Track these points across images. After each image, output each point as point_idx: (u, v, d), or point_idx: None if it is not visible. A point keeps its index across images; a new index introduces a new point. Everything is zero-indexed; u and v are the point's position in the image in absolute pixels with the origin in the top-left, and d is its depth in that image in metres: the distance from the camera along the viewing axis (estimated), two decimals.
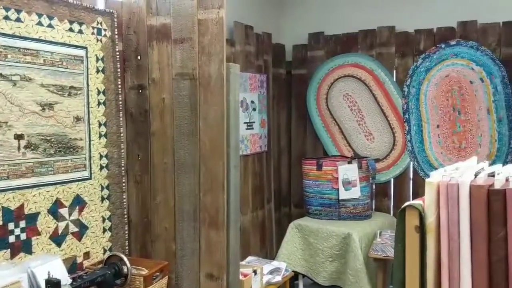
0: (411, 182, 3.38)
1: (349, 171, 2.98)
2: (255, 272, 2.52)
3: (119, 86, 2.31)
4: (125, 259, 2.05)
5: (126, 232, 2.35)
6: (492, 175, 1.24)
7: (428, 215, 1.19)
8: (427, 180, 1.23)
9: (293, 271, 2.92)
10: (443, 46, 3.17)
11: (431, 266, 1.20)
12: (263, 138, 3.44)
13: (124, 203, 2.34)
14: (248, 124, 3.24)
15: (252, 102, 3.29)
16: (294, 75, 3.74)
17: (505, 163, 2.94)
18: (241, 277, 2.39)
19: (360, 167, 3.02)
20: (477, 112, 3.09)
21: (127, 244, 2.36)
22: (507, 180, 1.18)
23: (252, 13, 3.39)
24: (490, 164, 1.40)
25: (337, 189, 3.05)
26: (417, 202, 1.21)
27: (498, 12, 2.97)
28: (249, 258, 2.99)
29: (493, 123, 3.04)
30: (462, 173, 1.26)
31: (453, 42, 3.14)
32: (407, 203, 1.21)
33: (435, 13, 3.21)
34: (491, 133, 3.05)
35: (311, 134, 3.68)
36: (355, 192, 2.97)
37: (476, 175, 1.23)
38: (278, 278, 2.73)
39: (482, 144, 3.09)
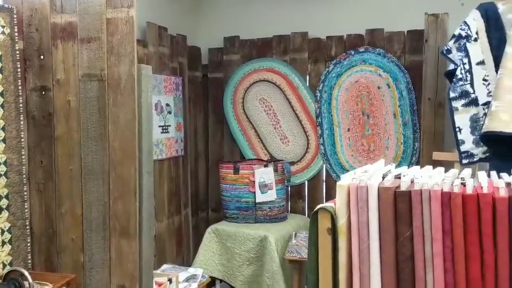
0: (324, 184, 3.48)
1: (265, 174, 3.00)
2: (170, 280, 2.44)
3: (20, 88, 2.13)
4: (27, 273, 1.89)
5: (29, 244, 2.18)
6: (398, 177, 1.28)
7: (340, 217, 1.21)
8: (338, 183, 1.25)
9: (210, 276, 2.88)
10: (352, 52, 3.29)
11: (343, 267, 1.22)
12: (179, 142, 3.37)
13: (26, 214, 2.16)
14: (163, 127, 3.15)
15: (168, 105, 3.21)
16: (210, 79, 3.71)
17: (410, 164, 3.11)
18: (155, 287, 2.31)
19: (276, 170, 3.05)
20: (384, 116, 3.25)
21: (29, 257, 2.18)
22: (412, 181, 1.22)
23: (167, 15, 3.31)
24: (397, 166, 1.46)
25: (254, 192, 3.06)
26: (329, 204, 1.23)
27: (403, 21, 3.14)
28: (164, 266, 2.90)
29: (399, 127, 3.21)
30: (371, 175, 1.29)
31: (362, 49, 3.27)
32: (319, 206, 1.22)
33: (345, 20, 3.33)
34: (397, 136, 3.22)
35: (228, 137, 3.67)
36: (271, 195, 3.00)
37: (383, 177, 1.27)
38: (194, 285, 2.67)
39: (389, 147, 3.25)
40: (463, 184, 1.16)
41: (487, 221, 1.08)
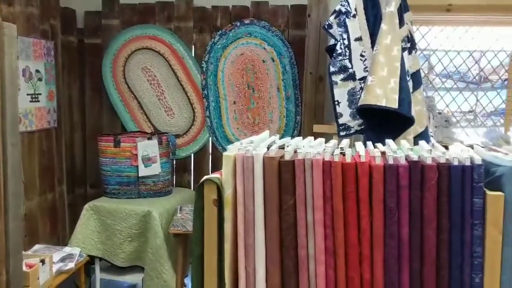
0: (210, 157, 3.46)
1: (149, 147, 2.89)
2: (43, 261, 2.26)
3: None
4: None
5: None
6: (282, 147, 1.29)
7: (226, 188, 1.18)
8: (224, 153, 1.22)
9: (88, 255, 2.72)
10: (238, 24, 3.27)
11: (229, 238, 1.20)
12: (51, 113, 3.09)
13: None
14: (33, 96, 2.86)
15: (38, 71, 2.91)
16: (87, 44, 3.44)
17: (292, 137, 3.20)
18: (25, 268, 2.11)
19: (160, 143, 2.95)
20: (268, 90, 3.29)
21: None
22: (295, 151, 1.23)
23: None
24: (280, 138, 1.47)
25: (137, 166, 2.94)
26: (215, 175, 1.19)
27: None
28: (37, 247, 2.68)
29: (282, 101, 3.28)
30: (256, 146, 1.28)
31: (247, 21, 3.26)
32: (205, 177, 1.18)
33: None
34: (281, 110, 3.29)
35: (107, 108, 3.46)
36: (155, 169, 2.90)
37: (268, 148, 1.27)
38: (71, 265, 2.50)
39: (273, 120, 3.31)
40: (343, 154, 1.19)
41: (364, 188, 1.13)
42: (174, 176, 3.43)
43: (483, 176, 1.08)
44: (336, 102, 2.33)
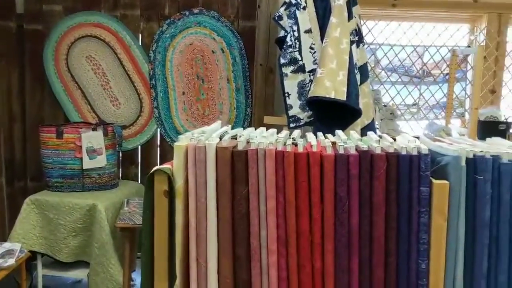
0: (158, 149, 3.39)
1: (93, 138, 2.79)
2: None
3: None
4: None
5: None
6: (234, 137, 1.28)
7: (177, 179, 1.16)
8: (175, 143, 1.19)
9: (30, 251, 2.60)
10: (187, 13, 3.21)
11: (180, 229, 1.18)
12: None
13: None
14: None
15: None
16: (27, 31, 3.27)
17: (243, 128, 3.19)
18: None
19: (106, 134, 2.86)
20: (218, 81, 3.26)
21: None
22: (248, 142, 1.23)
23: None
24: (232, 129, 1.46)
25: (81, 158, 2.83)
26: (165, 166, 1.16)
27: None
28: None
29: (232, 92, 3.26)
30: (208, 136, 1.26)
31: (196, 11, 3.21)
32: (155, 168, 1.15)
33: None
34: (231, 101, 3.27)
35: (49, 98, 3.31)
36: (100, 161, 2.81)
37: (221, 138, 1.25)
38: (11, 261, 2.39)
39: (223, 112, 3.29)
40: (295, 144, 1.20)
41: (315, 177, 1.14)
42: (121, 169, 3.34)
43: (430, 165, 1.12)
44: (286, 94, 2.34)
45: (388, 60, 3.30)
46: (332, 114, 2.22)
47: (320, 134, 1.42)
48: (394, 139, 1.25)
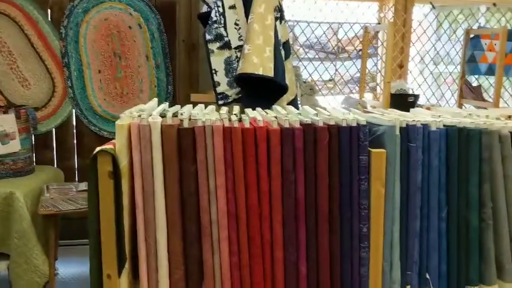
0: (74, 130, 3.22)
1: (5, 122, 2.58)
2: None
3: None
4: None
5: None
6: (175, 115, 1.26)
7: (121, 159, 1.12)
8: (117, 123, 1.15)
9: None
10: None
11: (127, 211, 1.15)
12: None
13: None
14: None
15: None
16: None
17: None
18: None
19: (18, 117, 2.66)
20: (137, 58, 3.15)
21: None
22: (190, 119, 1.21)
23: None
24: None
25: None
26: (108, 146, 1.12)
27: None
28: None
29: (152, 69, 3.17)
30: (148, 114, 1.23)
31: None
32: (98, 148, 1.10)
33: None
34: (151, 79, 3.18)
35: None
36: (14, 146, 2.61)
37: (162, 116, 1.22)
38: None
39: (143, 90, 3.20)
40: (239, 120, 1.21)
41: (262, 151, 1.16)
42: (35, 154, 3.13)
43: (368, 135, 1.19)
44: (213, 71, 2.32)
45: (305, 37, 3.39)
46: (259, 91, 2.25)
47: (259, 109, 1.44)
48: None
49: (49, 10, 3.06)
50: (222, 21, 2.31)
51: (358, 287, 1.22)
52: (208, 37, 2.31)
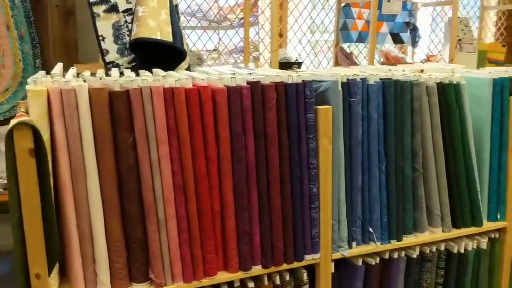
0: None
1: None
2: None
3: None
4: None
5: None
6: (100, 77, 1.06)
7: (41, 132, 0.92)
8: (29, 88, 0.94)
9: None
10: None
11: (53, 193, 0.95)
12: None
13: None
14: None
15: None
16: None
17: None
18: None
19: None
20: None
21: None
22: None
23: None
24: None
25: None
26: (26, 118, 0.90)
27: None
28: None
29: (15, 41, 2.74)
30: (61, 77, 1.03)
31: None
32: (14, 122, 0.88)
33: None
34: (14, 53, 2.76)
35: None
36: None
37: (85, 81, 1.02)
38: None
39: (5, 65, 2.76)
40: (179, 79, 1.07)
41: (209, 114, 1.04)
42: None
43: (314, 92, 1.14)
44: (100, 38, 2.07)
45: (186, 4, 3.23)
46: (154, 58, 2.07)
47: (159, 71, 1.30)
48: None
49: None
50: None
51: (310, 250, 1.19)
52: None
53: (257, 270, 1.14)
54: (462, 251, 1.40)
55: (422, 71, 1.53)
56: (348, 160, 1.21)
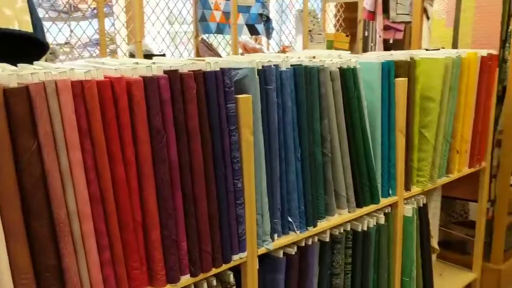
0: None
1: None
2: None
3: None
4: None
5: None
6: None
7: None
8: None
9: None
10: None
11: None
12: None
13: None
14: None
15: None
16: None
17: None
18: None
19: None
20: None
21: None
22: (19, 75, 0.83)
23: None
24: None
25: None
26: None
27: None
28: None
29: None
30: None
31: None
32: None
33: None
34: None
35: None
36: None
37: None
38: None
39: None
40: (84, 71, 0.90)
41: (124, 110, 0.90)
42: None
43: (232, 81, 1.06)
44: None
45: None
46: (10, 51, 1.78)
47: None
48: None
49: None
50: None
51: (237, 249, 1.12)
52: None
53: (186, 280, 1.03)
54: (365, 228, 1.47)
55: (314, 57, 1.55)
56: (267, 150, 1.16)
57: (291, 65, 1.20)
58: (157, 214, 0.96)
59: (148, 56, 3.05)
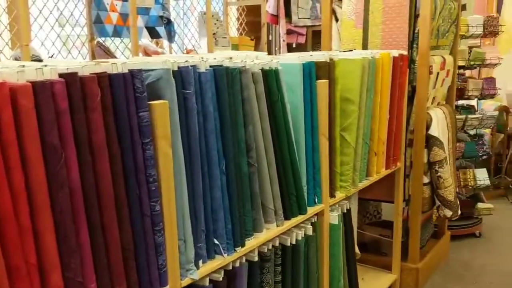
0: None
1: None
2: None
3: None
4: None
5: None
6: None
7: None
8: None
9: None
10: None
11: None
12: None
13: None
14: None
15: None
16: None
17: None
18: None
19: None
20: None
21: None
22: None
23: None
24: None
25: None
26: None
27: None
28: None
29: None
30: None
31: None
32: None
33: None
34: None
35: None
36: None
37: None
38: None
39: None
40: None
41: (9, 125, 0.70)
42: None
43: (144, 84, 0.89)
44: None
45: None
46: None
47: None
48: None
49: None
50: None
51: (158, 283, 0.95)
52: None
53: None
54: (294, 242, 1.36)
55: (231, 58, 1.41)
56: (188, 164, 1.01)
57: (210, 66, 1.06)
58: (57, 252, 0.76)
59: (37, 62, 2.72)
